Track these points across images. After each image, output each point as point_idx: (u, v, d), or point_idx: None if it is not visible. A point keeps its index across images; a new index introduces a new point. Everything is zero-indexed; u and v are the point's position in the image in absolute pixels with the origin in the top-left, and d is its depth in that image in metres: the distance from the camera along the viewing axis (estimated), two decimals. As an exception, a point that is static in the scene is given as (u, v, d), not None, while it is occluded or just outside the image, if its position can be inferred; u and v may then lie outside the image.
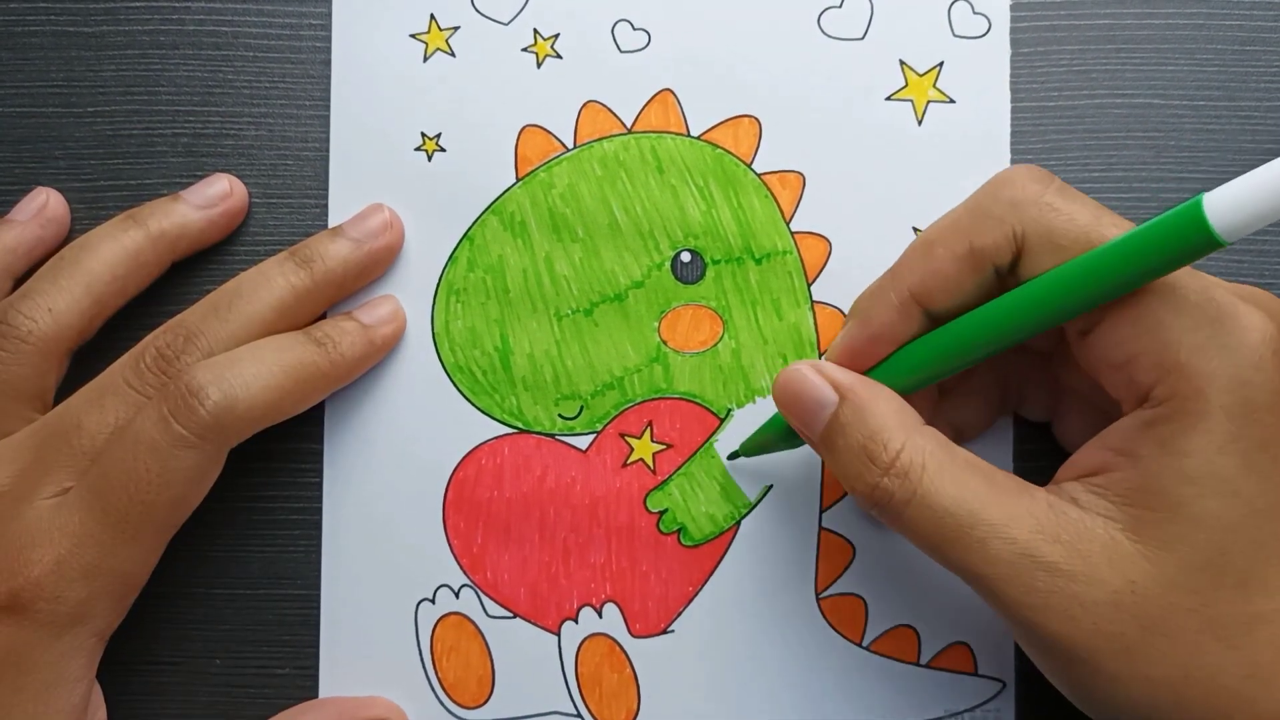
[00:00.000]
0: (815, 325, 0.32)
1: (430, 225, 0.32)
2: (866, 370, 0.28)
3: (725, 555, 0.32)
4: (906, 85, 0.32)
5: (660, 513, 0.32)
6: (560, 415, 0.32)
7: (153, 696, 0.32)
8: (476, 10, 0.33)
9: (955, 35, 0.32)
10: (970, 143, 0.32)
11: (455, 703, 0.32)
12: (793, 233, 0.32)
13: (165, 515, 0.28)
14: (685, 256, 0.32)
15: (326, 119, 0.33)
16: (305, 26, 0.33)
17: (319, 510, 0.32)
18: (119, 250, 0.30)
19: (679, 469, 0.32)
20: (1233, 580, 0.24)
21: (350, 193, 0.32)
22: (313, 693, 0.32)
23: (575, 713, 0.32)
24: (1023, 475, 0.26)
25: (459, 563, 0.32)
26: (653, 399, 0.32)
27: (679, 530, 0.32)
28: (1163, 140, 0.32)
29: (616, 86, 0.32)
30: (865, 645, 0.31)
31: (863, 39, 0.32)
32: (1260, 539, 0.24)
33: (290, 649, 0.32)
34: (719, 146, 0.32)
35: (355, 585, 0.32)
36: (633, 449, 0.32)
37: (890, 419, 0.26)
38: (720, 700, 0.31)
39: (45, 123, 0.33)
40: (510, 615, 0.32)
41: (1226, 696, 0.24)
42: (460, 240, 0.32)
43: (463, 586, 0.32)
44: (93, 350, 0.31)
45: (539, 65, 0.32)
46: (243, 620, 0.32)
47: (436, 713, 0.32)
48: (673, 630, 0.32)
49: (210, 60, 0.33)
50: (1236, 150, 0.32)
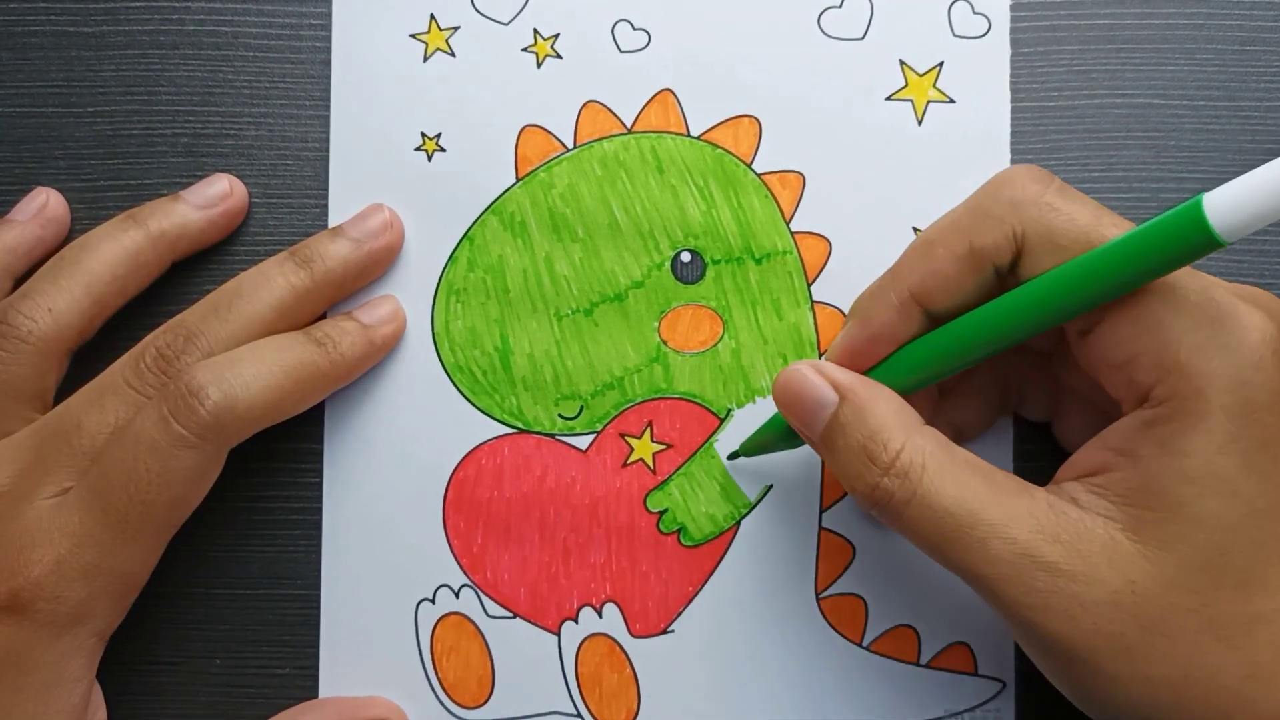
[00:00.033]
0: (815, 325, 0.32)
1: (430, 225, 0.32)
2: (866, 370, 0.28)
3: (725, 555, 0.32)
4: (906, 85, 0.32)
5: (660, 513, 0.32)
6: (560, 415, 0.32)
7: (153, 696, 0.32)
8: (476, 10, 0.33)
9: (955, 35, 0.32)
10: (970, 143, 0.32)
11: (455, 703, 0.32)
12: (793, 233, 0.32)
13: (165, 515, 0.28)
14: (685, 256, 0.32)
15: (326, 119, 0.33)
16: (305, 26, 0.33)
17: (319, 510, 0.32)
18: (119, 250, 0.30)
19: (679, 469, 0.32)
20: (1233, 580, 0.24)
21: (350, 193, 0.32)
22: (313, 693, 0.32)
23: (575, 713, 0.32)
24: (1023, 475, 0.26)
25: (459, 563, 0.32)
26: (653, 399, 0.32)
27: (679, 530, 0.32)
28: (1163, 140, 0.32)
29: (616, 86, 0.32)
30: (865, 645, 0.31)
31: (863, 39, 0.32)
32: (1260, 539, 0.24)
33: (290, 649, 0.32)
34: (719, 146, 0.32)
35: (355, 585, 0.32)
36: (633, 449, 0.32)
37: (890, 419, 0.26)
38: (720, 700, 0.31)
39: (45, 123, 0.33)
40: (510, 615, 0.32)
41: (1227, 696, 0.24)
42: (460, 240, 0.32)
43: (463, 586, 0.32)
44: (93, 350, 0.31)
45: (539, 65, 0.32)
46: (243, 620, 0.32)
47: (436, 713, 0.32)
48: (673, 630, 0.32)
49: (210, 60, 0.33)
50: (1236, 150, 0.32)
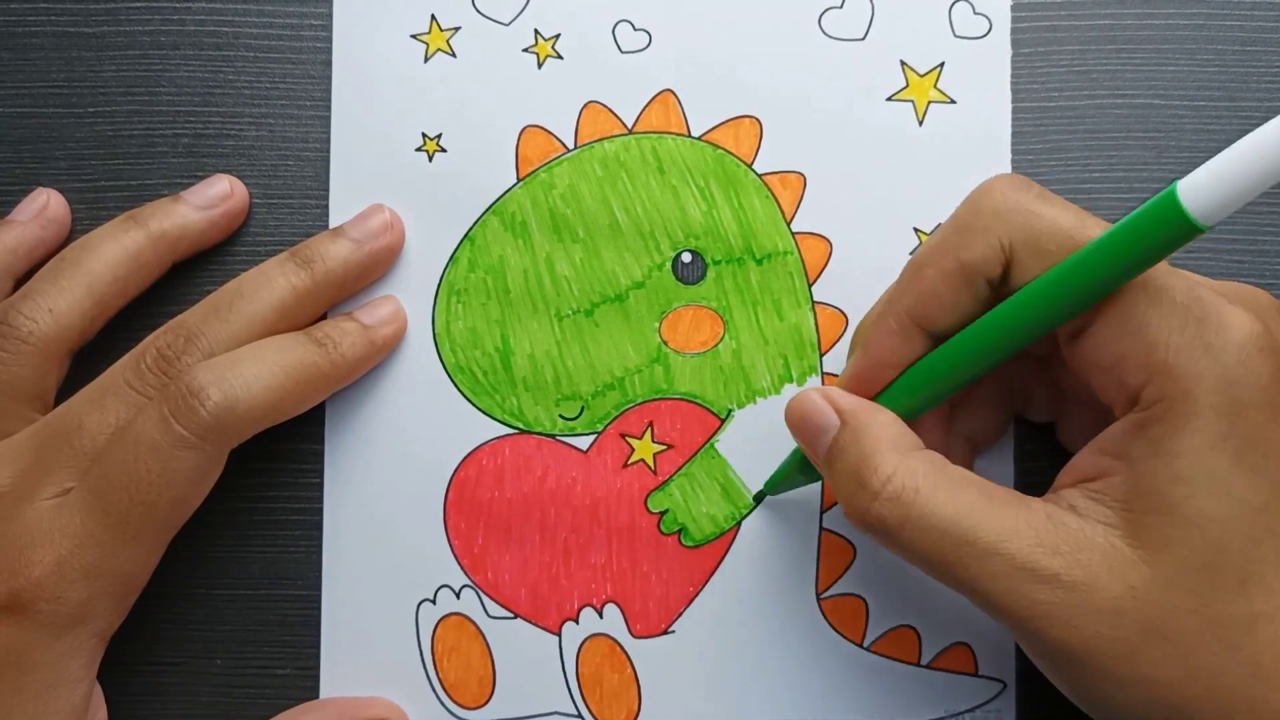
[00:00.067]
0: (816, 326, 0.32)
1: (431, 226, 0.32)
2: (875, 396, 0.28)
3: (726, 556, 0.32)
4: (907, 86, 0.32)
5: (661, 513, 0.32)
6: (561, 416, 0.32)
7: (153, 697, 0.32)
8: (477, 11, 0.33)
9: (956, 36, 0.32)
10: (971, 143, 0.32)
11: (456, 703, 0.32)
12: (793, 233, 0.32)
13: (166, 516, 0.28)
14: (686, 257, 0.32)
15: (327, 119, 0.33)
16: (306, 27, 0.33)
17: (320, 510, 0.32)
18: (120, 251, 0.30)
19: (680, 469, 0.32)
20: (1231, 580, 0.24)
21: (351, 193, 0.32)
22: (313, 693, 0.32)
23: (576, 713, 0.32)
24: (1024, 478, 0.26)
25: (460, 563, 0.32)
26: (653, 399, 0.32)
27: (680, 531, 0.32)
28: (1163, 140, 0.32)
29: (617, 87, 0.32)
30: (866, 646, 0.31)
31: (863, 39, 0.32)
32: (1256, 537, 0.24)
33: (291, 649, 0.32)
34: (720, 147, 0.32)
35: (356, 585, 0.32)
36: (633, 449, 0.32)
37: (883, 442, 0.26)
38: (721, 701, 0.31)
39: (46, 123, 0.33)
40: (511, 616, 0.32)
41: (1230, 696, 0.24)
42: (461, 241, 0.32)
43: (463, 587, 0.32)
44: (93, 350, 0.31)
45: (540, 66, 0.32)
46: (243, 621, 0.32)
47: (437, 713, 0.32)
48: (673, 631, 0.32)
49: (211, 61, 0.33)
50: (1237, 151, 0.32)
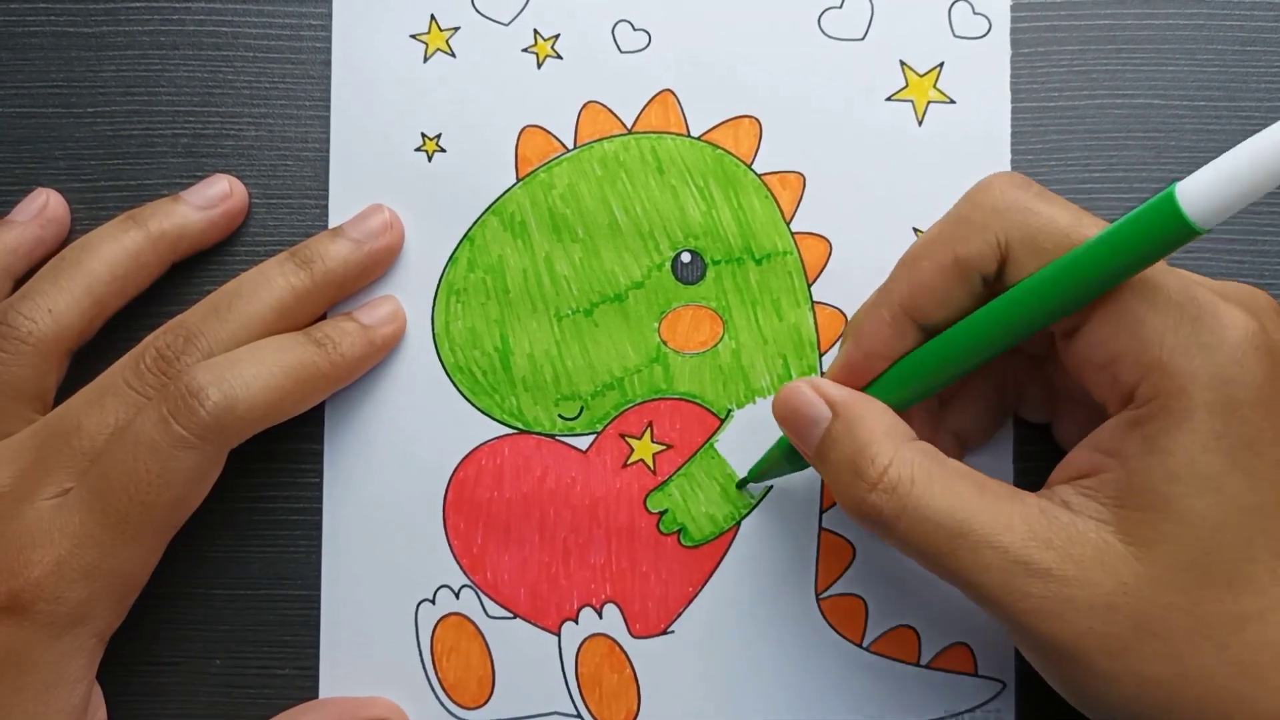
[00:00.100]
0: (815, 326, 0.32)
1: (430, 225, 0.32)
2: (864, 387, 0.28)
3: (725, 556, 0.32)
4: (907, 86, 0.32)
5: (660, 513, 0.32)
6: (560, 416, 0.32)
7: (153, 697, 0.32)
8: (477, 11, 0.33)
9: (955, 36, 0.32)
10: (970, 143, 0.32)
11: (455, 703, 0.32)
12: (793, 233, 0.32)
13: (165, 516, 0.28)
14: (685, 257, 0.32)
15: (326, 119, 0.33)
16: (305, 27, 0.33)
17: (319, 510, 0.32)
18: (119, 251, 0.30)
19: (679, 469, 0.32)
20: (1221, 579, 0.24)
21: (350, 193, 0.32)
22: (313, 693, 0.32)
23: (575, 713, 0.32)
24: (1023, 477, 0.26)
25: (459, 563, 0.32)
26: (653, 399, 0.32)
27: (679, 531, 0.32)
28: (1163, 140, 0.32)
29: (617, 87, 0.32)
30: (865, 646, 0.31)
31: (863, 39, 0.32)
32: (1247, 536, 0.24)
33: (290, 649, 0.32)
34: (719, 147, 0.32)
35: (355, 585, 0.32)
36: (633, 449, 0.32)
37: (878, 433, 0.26)
38: (720, 700, 0.31)
39: (45, 123, 0.33)
40: (510, 616, 0.32)
41: (1221, 695, 0.24)
42: (460, 241, 0.32)
43: (463, 587, 0.32)
44: (93, 351, 0.31)
45: (539, 66, 0.32)
46: (243, 621, 0.32)
47: (437, 713, 0.32)
48: (673, 631, 0.32)
49: (210, 61, 0.33)
50: (1237, 151, 0.32)
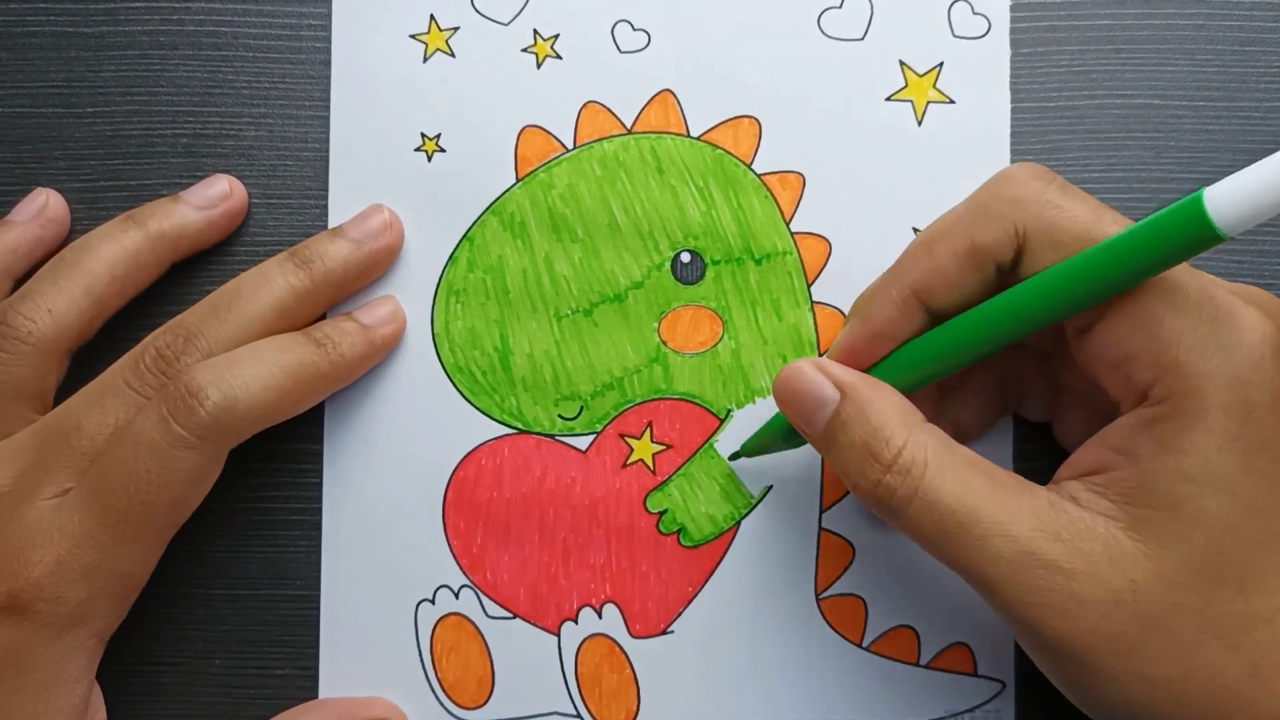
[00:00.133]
0: (815, 326, 0.32)
1: (430, 226, 0.32)
2: (867, 368, 0.28)
3: (725, 556, 0.32)
4: (906, 85, 0.32)
5: (660, 513, 0.32)
6: (560, 416, 0.32)
7: (153, 697, 0.32)
8: (476, 11, 0.33)
9: (955, 36, 0.32)
10: (970, 143, 0.32)
11: (455, 703, 0.32)
12: (792, 233, 0.32)
13: (165, 516, 0.28)
14: (685, 257, 0.32)
15: (326, 119, 0.33)
16: (305, 27, 0.33)
17: (319, 510, 0.32)
18: (119, 251, 0.30)
19: (679, 469, 0.32)
20: (1232, 580, 0.24)
21: (350, 193, 0.32)
22: (313, 693, 0.32)
23: (575, 713, 0.32)
24: (1023, 475, 0.26)
25: (459, 563, 0.32)
26: (652, 399, 0.32)
27: (679, 531, 0.32)
28: (1163, 140, 0.32)
29: (616, 87, 0.32)
30: (865, 646, 0.31)
31: (863, 39, 0.32)
32: (1259, 538, 0.24)
33: (290, 649, 0.32)
34: (719, 147, 0.32)
35: (355, 585, 0.32)
36: (632, 449, 0.32)
37: (892, 416, 0.26)
38: (720, 701, 0.31)
39: (45, 123, 0.33)
40: (510, 616, 0.32)
41: (1227, 696, 0.24)
42: (460, 241, 0.32)
43: (462, 587, 0.32)
44: (93, 350, 0.31)
45: (539, 66, 0.32)
46: (243, 621, 0.32)
47: (436, 713, 0.32)
48: (672, 631, 0.32)
49: (210, 61, 0.33)
50: (1236, 150, 0.32)
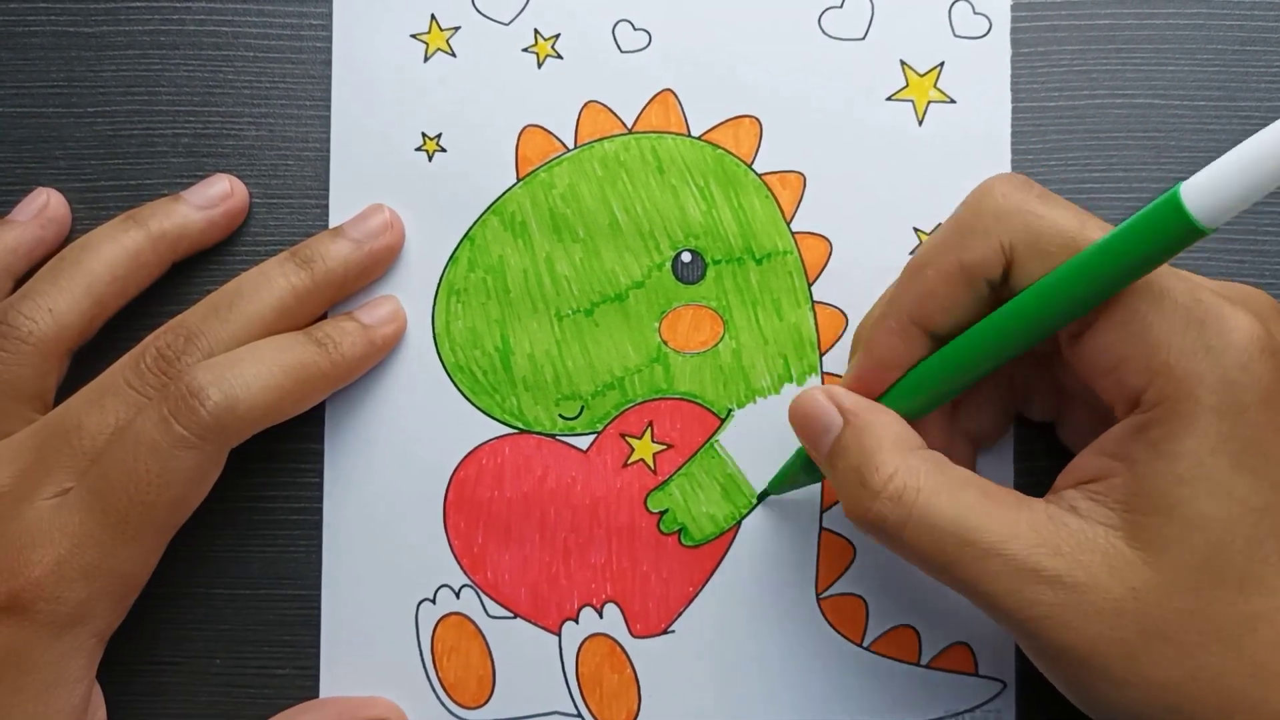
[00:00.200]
0: (816, 325, 0.32)
1: (431, 225, 0.32)
2: (878, 397, 0.28)
3: (726, 555, 0.32)
4: (907, 85, 0.32)
5: (661, 513, 0.32)
6: (561, 415, 0.32)
7: (153, 696, 0.32)
8: (477, 10, 0.33)
9: (956, 35, 0.32)
10: (971, 143, 0.32)
11: (455, 703, 0.32)
12: (793, 233, 0.32)
13: (165, 516, 0.28)
14: (686, 257, 0.32)
15: (327, 119, 0.33)
16: (306, 27, 0.33)
17: (319, 510, 0.32)
18: (119, 250, 0.30)
19: (679, 469, 0.32)
20: (1231, 581, 0.24)
21: (350, 193, 0.32)
22: (313, 693, 0.32)
23: (576, 713, 0.32)
24: (1024, 478, 0.26)
25: (459, 563, 0.32)
26: (653, 399, 0.32)
27: (679, 530, 0.32)
28: (1163, 140, 0.32)
29: (617, 86, 0.32)
30: (865, 645, 0.31)
31: (863, 39, 0.32)
32: (1256, 538, 0.24)
33: (290, 649, 0.32)
34: (719, 147, 0.32)
35: (356, 585, 0.32)
36: (633, 449, 0.32)
37: (885, 442, 0.26)
38: (721, 700, 0.31)
39: (45, 123, 0.33)
40: (511, 615, 0.32)
41: (1231, 697, 0.24)
42: (461, 240, 0.32)
43: (463, 586, 0.32)
44: (93, 350, 0.31)
45: (539, 65, 0.32)
46: (243, 620, 0.32)
47: (437, 713, 0.32)
48: (673, 630, 0.32)
49: (210, 60, 0.33)
50: (1237, 150, 0.32)
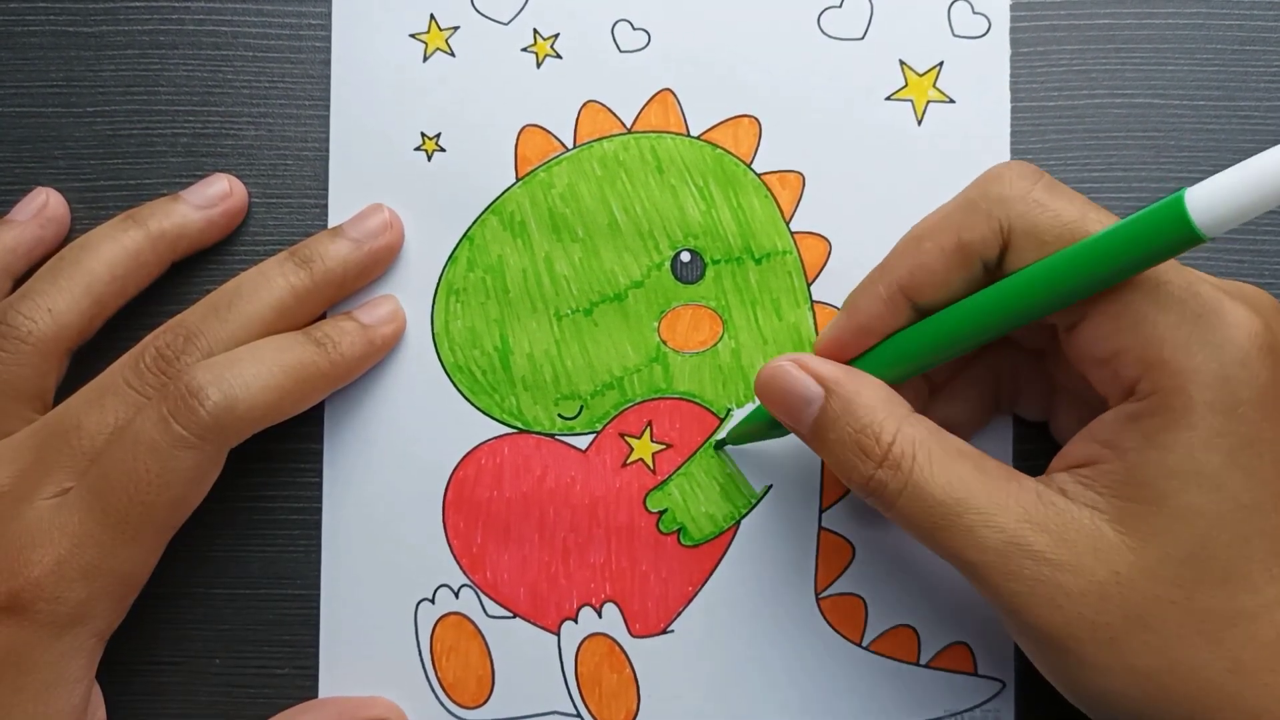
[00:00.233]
0: (815, 325, 0.32)
1: (430, 225, 0.32)
2: (851, 361, 0.28)
3: (725, 555, 0.32)
4: (906, 85, 0.32)
5: (660, 513, 0.32)
6: (560, 415, 0.32)
7: (153, 696, 0.32)
8: (476, 10, 0.33)
9: (955, 35, 0.32)
10: (970, 143, 0.32)
11: (455, 703, 0.32)
12: (792, 233, 0.32)
13: (165, 516, 0.28)
14: (685, 256, 0.32)
15: (326, 119, 0.33)
16: (305, 26, 0.33)
17: (319, 510, 0.32)
18: (119, 250, 0.30)
19: (679, 469, 0.32)
20: (1216, 575, 0.24)
21: (350, 193, 0.32)
22: (313, 693, 0.32)
23: (575, 713, 0.32)
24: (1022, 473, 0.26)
25: (459, 563, 0.32)
26: (652, 399, 0.32)
27: (679, 530, 0.32)
28: (1162, 140, 0.32)
29: (616, 86, 0.32)
30: (865, 645, 0.31)
31: (863, 39, 0.32)
32: (1244, 534, 0.24)
33: (290, 649, 0.32)
34: (719, 146, 0.32)
35: (355, 585, 0.32)
36: (632, 449, 0.32)
37: (880, 410, 0.26)
38: (720, 700, 0.31)
39: (45, 123, 0.33)
40: (510, 615, 0.32)
41: (1209, 690, 0.24)
42: (460, 240, 0.32)
43: (462, 586, 0.32)
44: (93, 350, 0.31)
45: (539, 65, 0.32)
46: (243, 620, 0.32)
47: (436, 713, 0.32)
48: (672, 630, 0.32)
49: (210, 60, 0.33)
50: (1236, 150, 0.32)
